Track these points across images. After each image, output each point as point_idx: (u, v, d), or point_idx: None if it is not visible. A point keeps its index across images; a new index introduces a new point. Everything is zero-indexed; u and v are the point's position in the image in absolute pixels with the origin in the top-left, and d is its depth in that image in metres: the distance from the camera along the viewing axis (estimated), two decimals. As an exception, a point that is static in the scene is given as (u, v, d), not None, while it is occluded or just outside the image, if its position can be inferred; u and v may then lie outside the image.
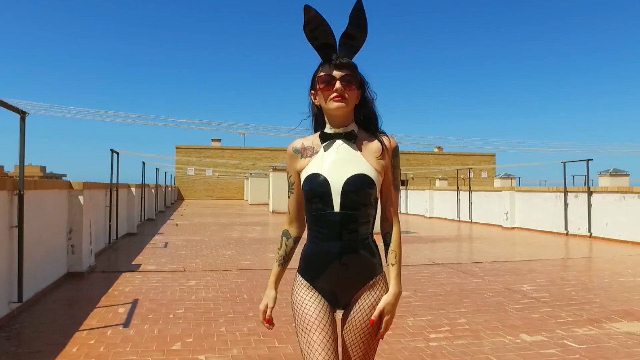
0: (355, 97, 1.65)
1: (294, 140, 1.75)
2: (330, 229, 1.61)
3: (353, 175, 1.61)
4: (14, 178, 4.73)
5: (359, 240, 1.64)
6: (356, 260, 1.63)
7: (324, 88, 1.62)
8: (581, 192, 12.27)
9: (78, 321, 4.53)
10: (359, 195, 1.61)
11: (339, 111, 1.63)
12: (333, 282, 1.65)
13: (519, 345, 4.02)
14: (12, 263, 4.60)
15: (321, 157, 1.67)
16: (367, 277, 1.66)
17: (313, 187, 1.63)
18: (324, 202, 1.61)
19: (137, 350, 3.78)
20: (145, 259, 8.44)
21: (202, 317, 4.74)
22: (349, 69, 1.63)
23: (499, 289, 6.19)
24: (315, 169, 1.65)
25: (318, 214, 1.63)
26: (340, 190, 1.60)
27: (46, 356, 3.59)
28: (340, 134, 1.67)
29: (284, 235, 1.80)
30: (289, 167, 1.76)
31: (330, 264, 1.63)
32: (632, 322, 4.70)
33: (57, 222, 6.27)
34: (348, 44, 1.66)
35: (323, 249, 1.63)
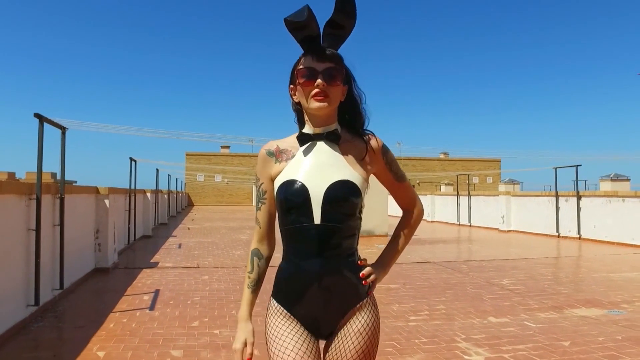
0: (339, 94, 1.43)
1: (268, 142, 1.54)
2: (308, 245, 1.39)
3: (336, 181, 1.40)
4: (56, 184, 5.54)
5: (342, 257, 1.42)
6: (339, 282, 1.41)
7: (304, 83, 1.40)
8: (571, 196, 12.93)
9: (110, 305, 5.32)
10: (342, 205, 1.40)
11: (320, 111, 1.41)
12: (313, 308, 1.42)
13: (485, 325, 4.74)
14: (55, 256, 5.41)
15: (299, 161, 1.45)
16: (352, 301, 1.44)
17: (289, 196, 1.40)
18: (302, 213, 1.39)
19: (162, 326, 4.56)
20: (162, 257, 9.25)
21: (215, 303, 5.52)
22: (333, 61, 1.40)
23: (480, 283, 6.90)
24: (292, 175, 1.43)
25: (295, 227, 1.41)
26: (321, 200, 1.38)
27: (89, 330, 4.37)
28: (321, 134, 1.45)
29: (254, 255, 1.54)
30: (260, 172, 1.53)
31: (309, 287, 1.40)
32: (589, 309, 5.39)
33: (86, 222, 7.09)
34: (333, 33, 1.43)
35: (300, 268, 1.41)
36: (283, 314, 1.45)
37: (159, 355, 3.76)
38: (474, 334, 4.40)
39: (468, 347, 4.02)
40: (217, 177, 44.04)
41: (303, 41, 1.43)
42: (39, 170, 4.74)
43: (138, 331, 4.38)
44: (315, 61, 1.40)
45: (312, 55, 1.41)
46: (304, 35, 1.41)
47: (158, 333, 4.34)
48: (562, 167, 13.84)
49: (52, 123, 5.09)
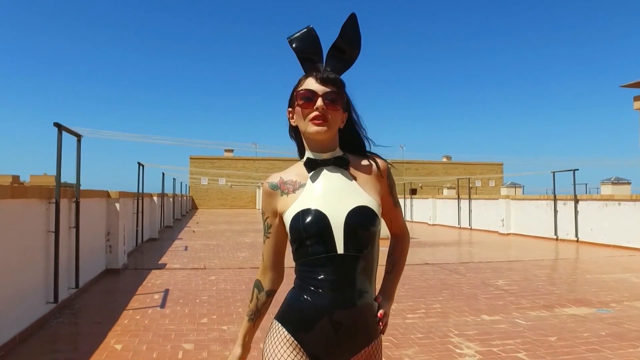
0: (339, 119, 1.38)
1: (270, 176, 1.46)
2: (327, 276, 1.29)
3: (355, 207, 1.32)
4: (72, 189, 5.85)
5: (358, 290, 1.32)
6: (353, 316, 1.31)
7: (303, 105, 1.34)
8: (569, 200, 13.17)
9: (123, 303, 5.62)
10: (364, 232, 1.31)
11: (319, 136, 1.35)
12: (322, 341, 1.31)
13: (478, 322, 5.01)
14: (71, 257, 5.71)
15: (310, 189, 1.37)
16: (367, 339, 1.35)
17: (306, 227, 1.30)
18: (322, 243, 1.30)
19: (173, 322, 4.85)
20: (169, 259, 9.55)
21: (222, 301, 5.81)
22: (335, 85, 1.35)
23: (476, 283, 7.17)
24: (306, 204, 1.33)
25: (314, 258, 1.31)
26: (342, 227, 1.30)
27: (105, 325, 4.67)
28: (329, 159, 1.38)
29: (255, 287, 1.48)
30: (265, 206, 1.43)
31: (318, 320, 1.30)
32: (579, 308, 5.65)
33: (98, 225, 7.40)
34: (337, 56, 1.41)
35: (312, 298, 1.31)
36: (287, 339, 1.34)
37: (172, 348, 4.05)
38: (467, 330, 4.67)
39: (460, 341, 4.29)
40: (221, 180, 44.38)
41: (305, 61, 1.41)
42: (58, 176, 5.05)
43: (151, 327, 4.68)
44: (316, 83, 1.35)
45: (314, 78, 1.36)
46: (306, 56, 1.40)
47: (170, 328, 4.63)
48: (560, 171, 14.11)
49: (69, 131, 5.41)
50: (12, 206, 4.04)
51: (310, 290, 1.32)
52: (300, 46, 1.40)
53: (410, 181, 37.59)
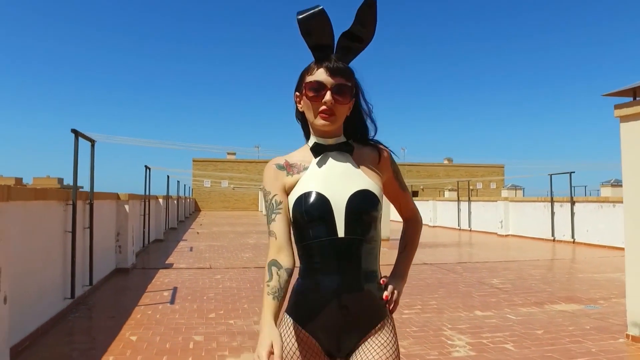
0: (346, 111, 1.40)
1: (274, 158, 1.47)
2: (330, 260, 1.32)
3: (356, 191, 1.35)
4: (87, 192, 6.16)
5: (364, 274, 1.35)
6: (360, 299, 1.34)
7: (312, 97, 1.35)
8: (565, 201, 13.44)
9: (135, 300, 5.93)
10: (366, 216, 1.34)
11: (326, 128, 1.37)
12: (331, 328, 1.35)
13: (471, 317, 5.29)
14: (85, 256, 6.02)
15: (313, 172, 1.39)
16: (373, 321, 1.38)
17: (309, 209, 1.33)
18: (324, 226, 1.32)
19: (183, 317, 5.15)
20: (176, 259, 9.87)
21: (228, 298, 6.11)
22: (344, 76, 1.36)
23: (472, 282, 7.45)
24: (308, 187, 1.36)
25: (317, 242, 1.33)
26: (343, 211, 1.33)
27: (120, 319, 4.98)
28: (334, 145, 1.41)
29: (272, 266, 1.34)
30: (272, 184, 1.41)
31: (327, 304, 1.33)
32: (568, 304, 5.93)
33: (108, 226, 7.71)
34: (348, 46, 1.39)
35: (319, 285, 1.33)
36: (297, 331, 1.37)
37: (183, 339, 4.35)
38: (460, 325, 4.96)
39: (453, 334, 4.58)
40: (224, 183, 44.75)
41: (315, 48, 1.37)
42: (75, 179, 5.37)
43: (162, 321, 4.98)
44: (325, 75, 1.34)
45: (323, 68, 1.35)
46: (317, 43, 1.36)
47: (180, 322, 4.93)
48: (557, 174, 14.39)
49: (84, 137, 5.72)
50: (35, 208, 4.36)
51: (315, 276, 1.34)
52: (312, 34, 1.34)
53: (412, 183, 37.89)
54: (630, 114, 4.35)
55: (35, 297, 4.34)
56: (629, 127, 4.40)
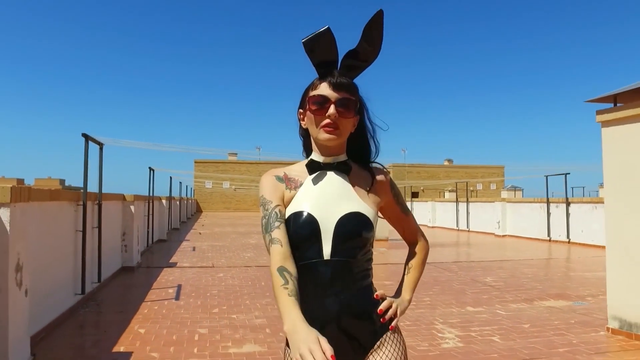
0: (350, 125, 1.38)
1: (272, 169, 1.47)
2: (318, 283, 1.31)
3: (347, 213, 1.34)
4: (95, 193, 6.43)
5: (355, 295, 1.34)
6: (358, 323, 1.34)
7: (315, 111, 1.34)
8: (561, 202, 13.69)
9: (141, 296, 6.19)
10: (354, 239, 1.33)
11: (330, 142, 1.36)
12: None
13: (462, 312, 5.55)
14: (94, 254, 6.29)
15: (307, 190, 1.38)
16: (370, 342, 1.36)
17: (297, 229, 1.32)
18: (310, 247, 1.32)
19: (188, 312, 5.42)
20: (179, 259, 10.13)
21: (231, 295, 6.38)
22: (348, 91, 1.35)
23: (466, 280, 7.71)
24: (300, 207, 1.35)
25: (303, 264, 1.31)
26: (331, 233, 1.31)
27: (128, 314, 5.24)
28: (332, 164, 1.40)
29: (283, 271, 1.25)
30: (272, 194, 1.39)
31: (326, 326, 1.29)
32: (557, 301, 6.18)
33: (115, 226, 7.98)
34: (353, 65, 1.39)
35: (316, 307, 1.31)
36: None
37: (189, 332, 4.62)
38: (451, 319, 5.22)
39: (443, 328, 4.84)
40: (225, 184, 45.05)
41: (319, 66, 1.38)
42: (85, 181, 5.64)
43: (168, 315, 5.25)
44: (329, 89, 1.34)
45: (327, 83, 1.35)
46: (321, 60, 1.36)
47: (185, 317, 5.20)
48: (552, 175, 14.63)
49: (93, 140, 6.00)
50: (49, 208, 4.62)
51: (310, 300, 1.30)
52: (316, 51, 1.35)
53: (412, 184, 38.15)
54: (611, 119, 4.61)
55: (49, 292, 4.60)
56: (610, 131, 4.66)
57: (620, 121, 4.52)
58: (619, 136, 4.56)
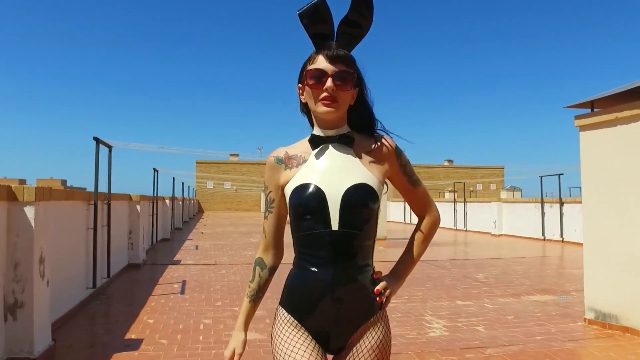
0: (349, 98, 1.38)
1: (275, 150, 1.48)
2: (324, 253, 1.33)
3: (353, 185, 1.34)
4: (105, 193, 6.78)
5: (358, 267, 1.35)
6: (353, 292, 1.35)
7: (313, 85, 1.35)
8: (555, 202, 14.01)
9: (148, 291, 6.54)
10: (361, 210, 1.34)
11: (328, 116, 1.37)
12: (324, 320, 1.36)
13: (451, 306, 5.88)
14: (103, 251, 6.64)
15: (312, 164, 1.40)
16: (366, 314, 1.38)
17: (304, 201, 1.34)
18: (318, 218, 1.33)
19: (193, 305, 5.76)
20: (183, 256, 10.48)
21: (233, 289, 6.72)
22: (345, 63, 1.35)
23: (458, 277, 8.04)
24: (306, 179, 1.37)
25: (310, 233, 1.35)
26: (338, 204, 1.33)
27: (137, 307, 5.58)
28: (334, 137, 1.40)
29: (257, 265, 1.49)
30: (269, 180, 1.47)
31: (321, 297, 1.34)
32: (542, 295, 6.51)
33: (122, 225, 8.33)
34: (348, 32, 1.39)
35: (313, 277, 1.34)
36: (292, 324, 1.38)
37: (194, 322, 4.96)
38: (440, 312, 5.55)
39: (432, 319, 5.18)
40: (227, 184, 45.44)
41: (315, 37, 1.39)
42: (96, 181, 5.99)
43: (175, 308, 5.59)
44: (326, 62, 1.34)
45: (324, 56, 1.35)
46: (317, 31, 1.37)
47: (191, 309, 5.54)
48: (546, 176, 14.96)
49: (103, 143, 6.34)
50: (65, 207, 4.97)
51: (309, 268, 1.35)
52: (310, 21, 1.37)
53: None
54: (588, 124, 4.94)
55: (65, 285, 4.94)
56: (587, 135, 4.99)
57: (597, 126, 4.85)
58: (596, 140, 4.89)
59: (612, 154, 4.69)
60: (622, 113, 4.49)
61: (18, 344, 3.46)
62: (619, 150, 4.59)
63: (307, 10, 1.36)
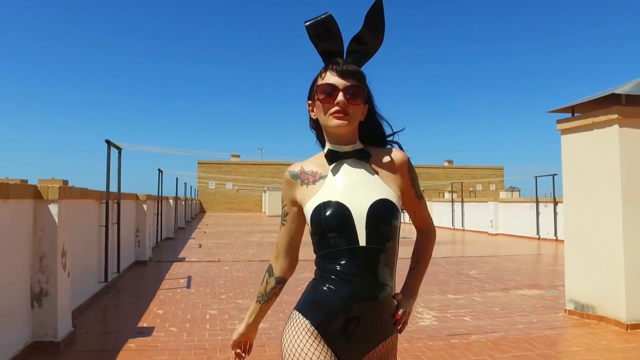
0: (360, 112, 1.38)
1: (291, 165, 1.47)
2: (348, 269, 1.30)
3: (377, 200, 1.34)
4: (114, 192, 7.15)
5: (380, 283, 1.32)
6: (373, 309, 1.32)
7: (323, 99, 1.35)
8: (549, 202, 14.36)
9: (156, 286, 6.90)
10: (385, 226, 1.33)
11: (340, 130, 1.36)
12: (339, 336, 1.33)
13: (443, 299, 6.23)
14: (113, 247, 7.00)
15: (331, 181, 1.38)
16: (384, 333, 1.37)
17: (329, 218, 1.31)
18: (344, 235, 1.31)
19: (199, 297, 6.12)
20: (187, 254, 10.86)
21: (236, 284, 7.08)
22: (355, 78, 1.35)
23: (451, 273, 8.39)
24: (328, 196, 1.35)
25: (335, 250, 1.32)
26: (364, 220, 1.31)
27: (146, 300, 5.94)
28: (350, 152, 1.39)
29: (267, 271, 1.52)
30: (285, 194, 1.47)
31: (338, 312, 1.31)
32: (530, 290, 6.86)
33: (129, 223, 8.69)
34: (358, 50, 1.40)
35: (332, 292, 1.32)
36: (308, 331, 1.34)
37: (200, 313, 5.32)
38: (431, 304, 5.90)
39: (423, 310, 5.53)
40: (228, 184, 45.86)
41: (324, 54, 1.40)
42: (107, 182, 6.36)
43: (182, 300, 5.96)
44: (337, 77, 1.35)
45: (334, 71, 1.36)
46: (326, 48, 1.39)
47: (197, 301, 5.90)
48: (541, 176, 15.32)
49: (114, 145, 6.71)
50: (80, 205, 5.33)
51: (331, 281, 1.32)
52: (319, 38, 1.38)
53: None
54: (568, 128, 5.29)
55: (79, 278, 5.30)
56: (567, 138, 5.34)
57: (576, 130, 5.20)
58: (575, 143, 5.23)
59: (589, 156, 5.04)
60: (598, 118, 4.84)
61: (43, 328, 3.82)
62: (595, 153, 4.94)
63: (314, 26, 1.37)
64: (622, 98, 4.78)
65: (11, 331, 3.47)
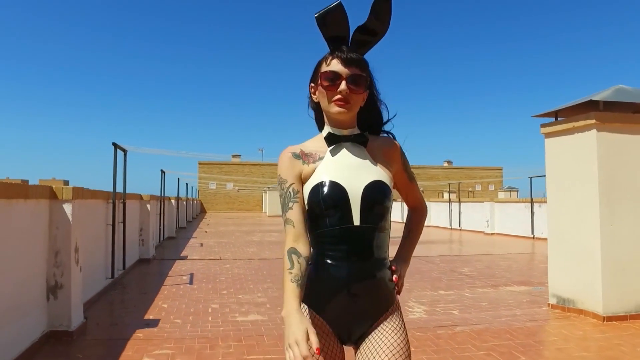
0: (360, 100, 1.44)
1: (289, 147, 1.49)
2: (343, 248, 1.37)
3: (371, 182, 1.41)
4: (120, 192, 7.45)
5: (377, 261, 1.40)
6: (371, 287, 1.39)
7: (327, 87, 1.40)
8: (543, 202, 14.63)
9: (160, 282, 7.21)
10: (379, 206, 1.40)
11: (341, 116, 1.42)
12: (342, 315, 1.40)
13: (434, 294, 6.53)
14: (119, 245, 7.30)
15: (329, 162, 1.44)
16: (383, 307, 1.43)
17: (326, 197, 1.37)
18: (340, 214, 1.37)
19: (201, 293, 6.42)
20: (189, 253, 11.17)
21: (237, 281, 7.38)
22: (359, 66, 1.41)
23: (445, 270, 8.69)
24: (326, 176, 1.40)
25: (331, 229, 1.38)
26: (359, 201, 1.38)
27: (151, 295, 6.25)
28: (349, 136, 1.46)
29: (292, 254, 1.35)
30: (289, 172, 1.44)
31: (338, 292, 1.37)
32: (519, 287, 7.15)
33: (133, 222, 8.99)
34: (363, 40, 1.45)
35: (331, 273, 1.38)
36: (313, 318, 1.41)
37: (203, 306, 5.62)
38: (423, 299, 6.20)
39: (414, 305, 5.82)
40: (229, 185, 46.18)
41: (330, 40, 1.43)
42: (114, 183, 6.66)
43: (185, 295, 6.26)
44: (341, 65, 1.40)
45: (338, 58, 1.40)
46: (333, 34, 1.42)
47: (199, 296, 6.21)
48: (535, 177, 15.62)
49: (120, 148, 7.01)
50: (89, 204, 5.63)
51: (327, 263, 1.38)
52: (327, 24, 1.41)
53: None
54: (551, 132, 5.59)
55: (88, 273, 5.60)
56: (551, 142, 5.63)
57: (558, 133, 5.50)
58: (558, 146, 5.53)
59: (570, 159, 5.34)
60: (578, 123, 5.13)
61: (58, 319, 4.12)
62: (575, 156, 5.23)
63: (324, 14, 1.40)
64: (600, 104, 5.07)
65: (30, 321, 3.77)
